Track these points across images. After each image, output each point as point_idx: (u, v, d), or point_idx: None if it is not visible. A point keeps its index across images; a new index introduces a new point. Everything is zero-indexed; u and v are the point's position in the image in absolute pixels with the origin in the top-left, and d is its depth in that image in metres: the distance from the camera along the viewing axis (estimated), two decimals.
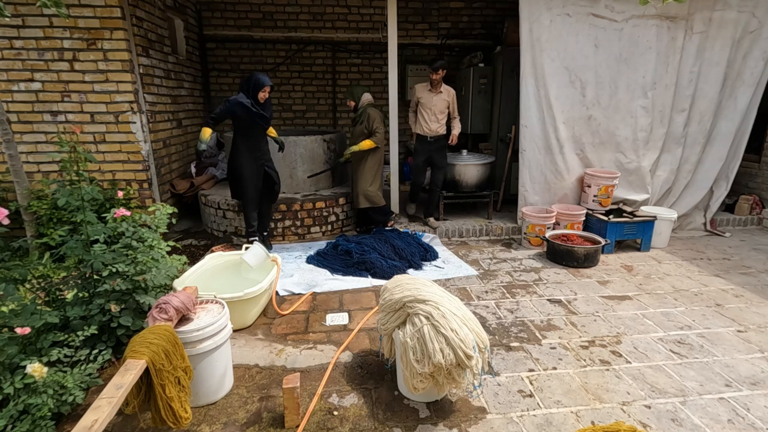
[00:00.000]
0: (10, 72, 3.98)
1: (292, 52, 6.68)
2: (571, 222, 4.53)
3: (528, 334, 2.86)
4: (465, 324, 2.02)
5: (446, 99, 4.64)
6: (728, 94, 4.79)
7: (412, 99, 4.77)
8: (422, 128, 4.69)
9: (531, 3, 4.35)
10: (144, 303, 2.47)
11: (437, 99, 4.60)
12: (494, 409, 2.17)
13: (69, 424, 2.03)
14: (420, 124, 4.70)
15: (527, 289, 3.54)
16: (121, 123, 4.19)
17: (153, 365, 1.74)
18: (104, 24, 3.94)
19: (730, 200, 5.44)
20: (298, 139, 4.86)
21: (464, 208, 5.55)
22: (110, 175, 4.31)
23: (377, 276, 3.73)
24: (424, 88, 4.64)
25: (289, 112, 6.95)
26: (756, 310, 3.20)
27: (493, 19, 6.80)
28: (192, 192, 5.02)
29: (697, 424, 2.06)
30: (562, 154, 4.77)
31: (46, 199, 3.70)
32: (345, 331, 2.91)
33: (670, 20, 4.46)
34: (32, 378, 1.83)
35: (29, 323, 2.00)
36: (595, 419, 2.10)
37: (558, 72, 4.53)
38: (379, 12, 6.59)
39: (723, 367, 2.51)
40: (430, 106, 4.59)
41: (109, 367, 2.45)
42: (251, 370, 2.48)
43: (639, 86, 4.62)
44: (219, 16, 6.39)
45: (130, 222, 2.67)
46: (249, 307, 2.85)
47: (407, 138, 7.16)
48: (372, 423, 2.07)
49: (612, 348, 2.71)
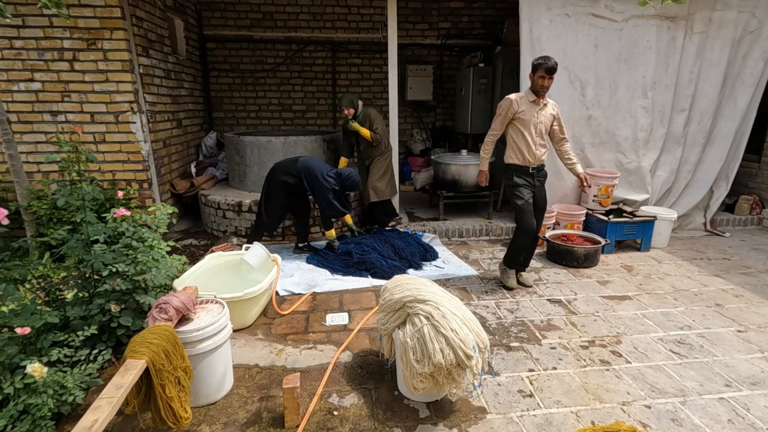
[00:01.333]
0: (10, 72, 3.98)
1: (292, 52, 6.68)
2: (571, 222, 4.53)
3: (528, 334, 2.86)
4: (465, 324, 2.02)
5: (553, 113, 3.42)
6: (728, 94, 4.79)
7: (499, 116, 3.39)
8: (522, 155, 3.37)
9: (531, 3, 4.35)
10: (144, 303, 2.47)
11: (544, 114, 3.36)
12: (494, 409, 2.17)
13: (69, 424, 2.03)
14: (516, 150, 3.40)
15: (527, 289, 3.54)
16: (121, 123, 4.19)
17: (153, 365, 1.74)
18: (104, 24, 3.94)
19: (730, 200, 5.44)
20: (298, 139, 4.86)
21: (464, 208, 5.55)
22: (110, 175, 4.31)
23: (377, 276, 3.73)
24: (524, 100, 3.32)
25: (289, 112, 6.95)
26: (756, 310, 3.20)
27: (493, 19, 6.80)
28: (192, 192, 5.02)
29: (697, 424, 2.06)
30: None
31: (46, 199, 3.70)
32: (345, 331, 2.91)
33: (670, 20, 4.46)
34: (32, 378, 1.83)
35: (29, 323, 2.00)
36: (595, 419, 2.10)
37: (558, 72, 4.51)
38: (379, 12, 6.59)
39: (723, 367, 2.51)
40: (534, 123, 3.33)
41: (109, 367, 2.45)
42: (251, 370, 2.48)
43: (639, 86, 4.62)
44: (219, 16, 6.39)
45: (130, 222, 2.67)
46: (249, 307, 2.85)
47: (407, 138, 7.17)
48: (372, 423, 2.07)
49: (612, 348, 2.71)
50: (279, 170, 3.97)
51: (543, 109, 3.36)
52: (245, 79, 6.70)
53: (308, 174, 3.86)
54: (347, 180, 3.92)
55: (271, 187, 3.97)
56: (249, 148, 4.82)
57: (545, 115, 3.37)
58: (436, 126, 7.26)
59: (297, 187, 3.92)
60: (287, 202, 4.01)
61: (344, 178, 3.92)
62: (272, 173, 4.00)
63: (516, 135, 3.38)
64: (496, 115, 3.43)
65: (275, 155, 4.71)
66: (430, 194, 5.70)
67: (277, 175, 3.95)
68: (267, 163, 4.72)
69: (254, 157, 4.83)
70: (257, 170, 4.86)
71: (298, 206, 4.13)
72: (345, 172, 3.95)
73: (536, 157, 3.38)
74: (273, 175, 3.98)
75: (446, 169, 5.08)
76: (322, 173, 3.86)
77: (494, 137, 3.50)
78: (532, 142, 3.35)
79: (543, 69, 3.16)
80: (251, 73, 6.69)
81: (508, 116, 3.36)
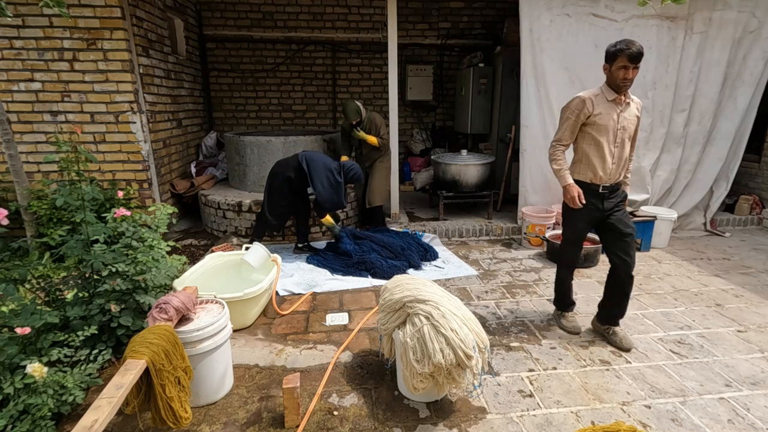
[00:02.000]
0: (10, 72, 3.98)
1: (292, 52, 6.68)
2: None
3: (528, 334, 2.86)
4: (465, 324, 2.02)
5: (637, 115, 2.64)
6: (728, 94, 4.79)
7: (568, 121, 2.60)
8: (593, 170, 2.60)
9: (531, 3, 4.35)
10: (144, 303, 2.47)
11: (626, 116, 2.56)
12: (494, 409, 2.17)
13: (69, 424, 2.03)
14: (586, 163, 2.63)
15: (527, 289, 3.54)
16: (121, 123, 4.19)
17: (153, 365, 1.74)
18: (104, 24, 3.94)
19: (730, 200, 5.44)
20: (298, 139, 4.86)
21: (464, 208, 5.55)
22: (110, 175, 4.31)
23: (377, 276, 3.73)
24: (600, 99, 2.53)
25: (289, 112, 6.95)
26: (756, 310, 3.20)
27: (493, 19, 6.80)
28: (192, 192, 5.02)
29: (697, 424, 2.06)
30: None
31: (46, 199, 3.70)
32: (345, 331, 2.91)
33: (670, 20, 4.46)
34: (32, 378, 1.83)
35: (29, 323, 2.00)
36: (595, 419, 2.10)
37: (558, 72, 4.53)
38: (379, 12, 6.59)
39: (723, 367, 2.51)
40: (614, 128, 2.54)
41: (109, 367, 2.45)
42: (251, 370, 2.48)
43: (639, 86, 4.62)
44: (219, 16, 6.39)
45: (130, 222, 2.67)
46: (249, 307, 2.85)
47: (407, 138, 7.17)
48: (372, 423, 2.07)
49: (612, 348, 2.70)
50: (281, 167, 4.00)
51: (625, 110, 2.56)
52: (245, 79, 6.70)
53: (309, 160, 3.90)
54: (349, 172, 3.98)
55: (274, 185, 3.98)
56: (249, 148, 4.82)
57: (628, 118, 2.56)
58: (436, 126, 7.26)
59: (299, 182, 3.93)
60: (291, 200, 4.02)
61: (347, 170, 3.98)
62: (274, 171, 4.02)
63: (587, 144, 2.59)
64: (563, 119, 2.65)
65: (275, 155, 4.72)
66: (430, 194, 5.71)
67: (279, 171, 3.98)
68: (267, 163, 4.72)
69: (254, 157, 4.84)
70: (257, 170, 4.86)
71: (298, 206, 4.13)
72: (348, 164, 4.02)
73: (612, 174, 2.59)
74: (275, 172, 4.00)
75: (446, 169, 5.08)
76: (324, 161, 3.93)
77: (563, 147, 2.67)
78: (609, 153, 2.56)
79: (625, 56, 2.37)
80: (251, 73, 6.69)
81: (579, 120, 2.56)
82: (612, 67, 2.45)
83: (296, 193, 4.00)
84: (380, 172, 4.63)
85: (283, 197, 3.98)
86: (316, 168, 3.87)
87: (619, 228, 2.62)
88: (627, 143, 2.60)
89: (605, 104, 2.53)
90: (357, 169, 4.02)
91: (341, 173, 3.95)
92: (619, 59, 2.40)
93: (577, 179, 2.66)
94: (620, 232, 2.62)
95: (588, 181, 2.63)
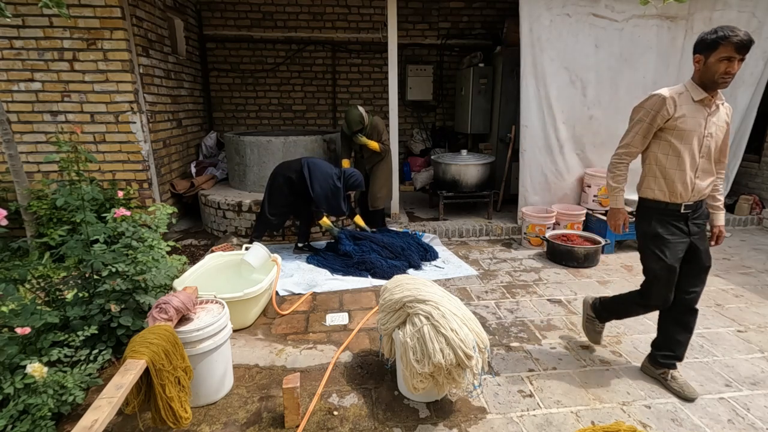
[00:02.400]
0: (10, 72, 3.98)
1: (292, 52, 6.68)
2: (571, 222, 4.53)
3: (528, 334, 2.86)
4: (465, 324, 2.02)
5: (728, 121, 2.16)
6: (728, 94, 4.78)
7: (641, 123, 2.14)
8: (672, 186, 2.14)
9: (531, 3, 4.35)
10: (144, 303, 2.47)
11: (715, 122, 2.10)
12: (494, 409, 2.17)
13: (69, 424, 2.03)
14: (663, 177, 2.16)
15: (527, 289, 3.54)
16: (121, 123, 4.19)
17: (153, 365, 1.74)
18: (104, 24, 3.94)
19: (730, 200, 5.44)
20: (298, 139, 4.86)
21: (464, 208, 5.55)
22: (110, 175, 4.31)
23: (377, 276, 3.73)
24: (684, 98, 2.07)
25: (289, 112, 6.95)
26: (756, 310, 3.20)
27: (493, 19, 6.79)
28: (192, 192, 5.02)
29: (697, 424, 2.06)
30: (563, 154, 4.77)
31: (46, 199, 3.70)
32: (345, 331, 2.91)
33: (670, 20, 4.46)
34: (32, 378, 1.83)
35: (29, 323, 2.00)
36: (595, 419, 2.10)
37: (558, 72, 4.53)
38: (379, 12, 6.59)
39: (723, 367, 2.51)
40: (700, 135, 2.08)
41: (109, 367, 2.45)
42: (251, 370, 2.48)
43: (640, 86, 4.62)
44: (219, 16, 6.39)
45: (130, 222, 2.66)
46: (249, 307, 2.85)
47: (407, 138, 7.17)
48: (372, 423, 2.07)
49: (612, 348, 2.71)
50: (283, 168, 4.06)
51: (714, 114, 2.07)
52: (245, 79, 6.70)
53: (312, 164, 3.95)
54: (350, 179, 4.01)
55: (275, 185, 4.02)
56: (249, 148, 4.82)
57: (717, 123, 2.08)
58: (436, 126, 7.26)
59: (299, 184, 3.96)
60: (291, 200, 4.03)
61: (347, 177, 4.01)
62: (276, 171, 4.07)
63: (664, 154, 2.12)
64: (634, 121, 2.17)
65: (275, 155, 4.72)
66: (430, 194, 5.71)
67: (281, 172, 4.03)
68: (267, 163, 4.72)
69: (254, 157, 4.84)
70: (257, 170, 4.86)
71: (299, 206, 4.13)
72: (348, 171, 4.06)
73: (695, 191, 2.12)
74: (276, 172, 4.06)
75: (446, 169, 5.08)
76: (325, 167, 3.97)
77: (630, 157, 2.24)
78: (691, 166, 2.09)
79: (731, 45, 1.94)
80: (251, 73, 6.69)
81: (656, 124, 2.09)
82: (709, 59, 1.98)
83: (297, 194, 4.01)
84: (382, 175, 4.63)
85: (283, 197, 4.01)
86: (316, 172, 3.91)
87: (703, 261, 2.21)
88: (713, 154, 2.11)
89: (690, 105, 2.05)
90: (358, 177, 4.06)
91: (341, 179, 3.98)
92: (721, 48, 1.95)
93: (648, 198, 2.22)
94: (701, 266, 2.22)
95: (667, 200, 2.14)
